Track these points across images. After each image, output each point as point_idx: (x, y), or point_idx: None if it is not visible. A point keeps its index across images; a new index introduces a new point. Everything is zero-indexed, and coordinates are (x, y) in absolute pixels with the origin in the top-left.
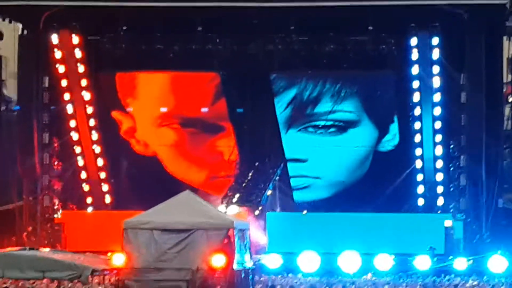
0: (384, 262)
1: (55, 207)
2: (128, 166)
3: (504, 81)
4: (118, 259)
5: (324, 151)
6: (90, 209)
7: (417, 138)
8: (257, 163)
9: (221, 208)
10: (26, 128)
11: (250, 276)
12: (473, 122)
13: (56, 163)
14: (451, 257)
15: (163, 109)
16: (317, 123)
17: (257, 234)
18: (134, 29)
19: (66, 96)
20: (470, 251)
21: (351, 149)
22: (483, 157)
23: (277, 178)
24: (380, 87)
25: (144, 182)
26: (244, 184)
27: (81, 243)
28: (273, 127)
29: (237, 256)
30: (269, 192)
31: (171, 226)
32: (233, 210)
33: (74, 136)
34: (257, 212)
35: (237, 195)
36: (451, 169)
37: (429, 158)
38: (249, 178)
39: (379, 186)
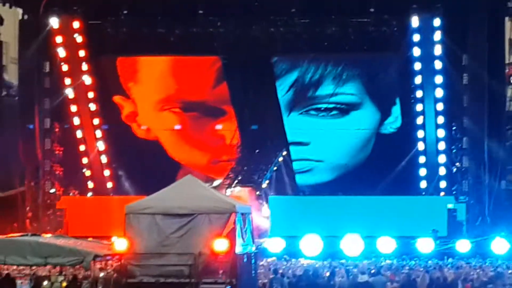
0: (387, 244)
1: (57, 192)
2: (129, 150)
3: (506, 61)
4: (120, 244)
5: (327, 134)
6: (91, 194)
7: (419, 120)
8: (258, 148)
9: (223, 191)
10: (27, 114)
11: (253, 260)
12: (475, 104)
13: (57, 148)
14: (454, 239)
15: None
16: (319, 106)
17: (260, 218)
18: (135, 13)
19: (67, 81)
20: (473, 233)
21: (354, 132)
22: (486, 139)
23: (279, 161)
24: (382, 69)
25: (146, 166)
26: (245, 167)
27: (83, 229)
28: (275, 110)
29: (239, 240)
30: (271, 175)
31: (173, 210)
32: (235, 192)
33: (76, 121)
34: (258, 193)
35: (239, 177)
36: (454, 151)
37: (431, 140)
38: (251, 161)
39: (382, 169)
